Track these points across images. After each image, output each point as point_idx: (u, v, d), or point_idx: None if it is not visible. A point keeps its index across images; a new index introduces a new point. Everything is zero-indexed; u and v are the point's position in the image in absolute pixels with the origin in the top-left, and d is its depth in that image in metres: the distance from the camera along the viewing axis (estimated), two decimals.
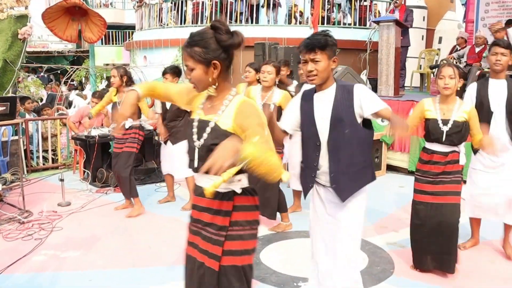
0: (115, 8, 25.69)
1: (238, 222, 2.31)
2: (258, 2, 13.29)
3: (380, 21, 9.07)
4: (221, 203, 2.30)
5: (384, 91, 8.67)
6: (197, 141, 2.33)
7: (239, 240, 2.31)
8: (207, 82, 2.27)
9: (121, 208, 6.05)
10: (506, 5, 12.14)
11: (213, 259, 2.31)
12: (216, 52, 2.22)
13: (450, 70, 3.88)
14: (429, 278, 4.09)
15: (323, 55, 2.78)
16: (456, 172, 4.01)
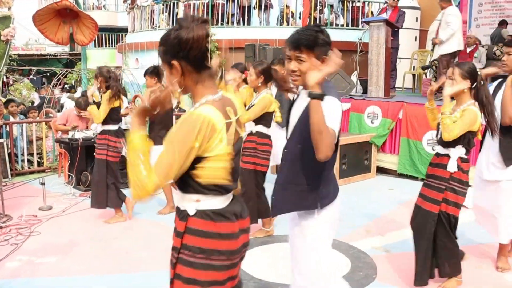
0: (108, 11, 25.63)
1: (188, 246, 2.01)
2: (249, 3, 13.22)
3: (371, 21, 8.95)
4: (178, 222, 2.07)
5: (375, 92, 8.55)
6: None
7: (188, 267, 2.01)
8: (176, 84, 2.02)
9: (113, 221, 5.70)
10: (499, 6, 12.10)
11: (171, 280, 2.10)
12: (176, 51, 1.96)
13: (450, 71, 3.69)
14: (410, 282, 3.95)
15: (310, 55, 2.43)
16: (442, 179, 3.71)
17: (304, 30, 2.48)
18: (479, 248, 4.74)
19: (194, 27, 1.93)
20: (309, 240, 2.62)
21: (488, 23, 12.21)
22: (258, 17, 13.53)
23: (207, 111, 1.91)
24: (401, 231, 5.12)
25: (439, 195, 3.71)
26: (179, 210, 2.06)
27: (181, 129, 1.89)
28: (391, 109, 7.90)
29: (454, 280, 3.84)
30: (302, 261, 2.67)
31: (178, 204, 2.07)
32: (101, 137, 5.56)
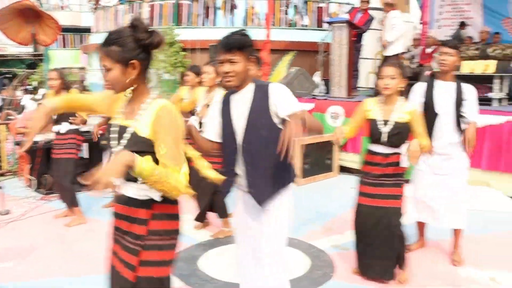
0: (71, 11, 25.19)
1: (156, 231, 2.21)
2: (215, 4, 13.19)
3: (333, 22, 9.07)
4: (138, 211, 2.20)
5: (337, 92, 8.65)
6: (117, 146, 2.22)
7: (157, 250, 2.22)
8: (124, 84, 2.17)
9: (62, 216, 5.83)
10: (459, 8, 12.39)
11: (129, 269, 2.21)
12: (134, 51, 2.14)
13: (391, 70, 3.78)
14: (367, 282, 4.03)
15: (241, 56, 2.64)
16: (398, 175, 3.88)
17: (232, 34, 2.68)
18: (433, 243, 4.85)
19: (155, 31, 2.15)
20: (279, 221, 2.84)
21: (449, 24, 12.49)
22: (223, 18, 13.53)
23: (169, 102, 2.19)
24: None
25: (399, 190, 3.88)
26: (137, 200, 2.20)
27: (173, 120, 2.15)
28: (353, 109, 7.97)
29: (404, 272, 4.00)
30: (270, 245, 2.83)
31: (137, 195, 2.20)
32: (69, 136, 5.58)
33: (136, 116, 2.19)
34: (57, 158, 5.61)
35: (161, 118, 2.13)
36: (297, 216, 5.55)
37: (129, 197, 2.21)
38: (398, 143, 3.85)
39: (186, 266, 4.29)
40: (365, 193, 3.96)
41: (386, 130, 3.81)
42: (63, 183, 5.52)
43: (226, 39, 2.68)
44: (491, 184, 6.62)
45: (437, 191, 4.39)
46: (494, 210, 6.06)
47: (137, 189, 2.19)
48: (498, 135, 6.63)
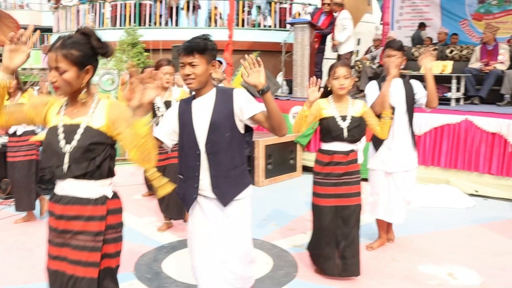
0: (31, 10, 24.67)
1: (112, 225, 2.35)
2: (178, 4, 13.14)
3: (295, 22, 9.13)
4: (95, 208, 2.29)
5: (299, 93, 8.73)
6: (66, 146, 2.27)
7: (114, 243, 2.36)
8: (75, 86, 2.28)
9: (21, 221, 5.71)
10: (418, 9, 12.65)
11: (90, 267, 2.26)
12: (91, 58, 2.30)
13: (344, 70, 3.87)
14: (330, 280, 4.08)
15: (202, 59, 2.71)
16: (357, 172, 4.01)
17: (194, 38, 2.74)
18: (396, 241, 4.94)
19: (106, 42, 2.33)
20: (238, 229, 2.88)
21: (409, 25, 12.76)
22: (186, 18, 13.48)
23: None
24: None
25: (358, 187, 4.01)
26: (91, 199, 2.29)
27: (126, 109, 2.35)
28: None
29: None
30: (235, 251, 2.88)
31: (89, 194, 2.29)
32: (27, 137, 5.48)
33: (88, 113, 2.32)
34: (16, 162, 5.49)
35: (116, 108, 2.34)
36: (260, 216, 5.66)
37: (79, 197, 2.28)
38: (358, 136, 3.95)
39: (149, 268, 4.26)
40: (327, 194, 3.98)
41: (345, 125, 3.89)
42: (28, 185, 5.42)
43: (188, 42, 2.73)
44: (450, 181, 6.78)
45: (391, 188, 4.54)
46: (452, 207, 6.22)
47: (91, 187, 2.28)
48: (456, 133, 6.80)
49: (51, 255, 2.34)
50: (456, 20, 12.14)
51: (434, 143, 6.98)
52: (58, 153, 2.27)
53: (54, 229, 2.33)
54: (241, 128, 2.83)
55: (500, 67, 8.14)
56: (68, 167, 2.26)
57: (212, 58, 2.77)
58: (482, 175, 6.68)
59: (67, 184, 2.30)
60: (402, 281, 4.11)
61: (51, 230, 2.35)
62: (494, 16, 11.69)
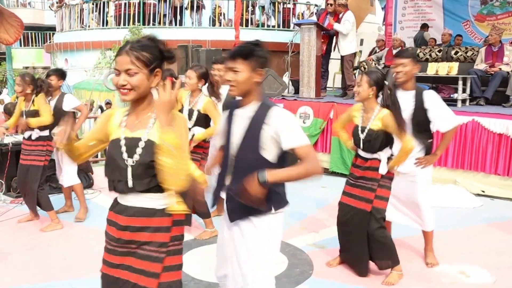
0: (33, 8, 24.70)
1: (176, 237, 2.31)
2: (181, 4, 13.19)
3: (302, 23, 9.20)
4: (161, 220, 2.26)
5: (306, 93, 8.80)
6: (128, 160, 2.22)
7: (177, 255, 2.33)
8: (145, 90, 2.22)
9: (25, 220, 5.74)
10: (421, 10, 12.70)
11: (151, 277, 2.24)
12: (160, 62, 2.25)
13: (359, 78, 3.98)
14: (346, 278, 4.17)
15: (244, 65, 2.55)
16: (373, 180, 3.98)
17: (243, 43, 2.64)
18: (405, 241, 5.01)
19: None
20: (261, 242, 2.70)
21: (412, 26, 12.80)
22: (190, 18, 13.53)
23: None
24: (334, 228, 5.28)
25: (371, 195, 4.00)
26: (157, 210, 2.25)
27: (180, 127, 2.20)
28: (322, 109, 8.17)
29: (395, 274, 4.11)
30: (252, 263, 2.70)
31: (155, 205, 2.25)
32: (39, 143, 5.43)
33: (148, 125, 2.24)
34: (24, 164, 5.50)
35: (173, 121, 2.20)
36: None
37: (145, 207, 2.25)
38: (372, 149, 3.96)
39: None
40: (346, 192, 4.17)
41: (362, 137, 3.97)
42: (31, 190, 5.44)
43: (236, 47, 2.64)
44: (457, 182, 6.87)
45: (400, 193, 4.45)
46: (459, 207, 6.30)
47: (156, 199, 2.25)
48: (463, 134, 6.89)
49: (112, 263, 2.31)
50: (459, 21, 12.19)
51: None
52: (121, 167, 2.23)
53: (117, 239, 2.29)
54: (270, 154, 2.61)
55: (505, 68, 8.22)
56: (132, 182, 2.23)
57: (258, 65, 2.58)
58: (489, 176, 6.76)
59: (131, 197, 2.27)
60: (416, 280, 4.19)
61: (112, 240, 2.31)
62: (496, 18, 11.76)
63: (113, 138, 2.29)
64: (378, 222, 4.01)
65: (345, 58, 9.22)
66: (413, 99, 4.16)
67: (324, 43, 9.27)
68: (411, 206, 4.45)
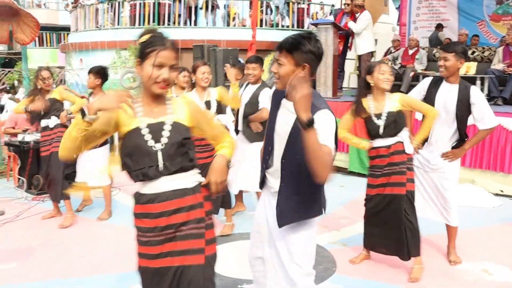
0: (48, 9, 24.88)
1: (208, 211, 2.38)
2: (196, 4, 13.25)
3: (318, 23, 9.22)
4: (194, 197, 2.32)
5: (323, 92, 8.81)
6: (157, 144, 2.26)
7: (211, 229, 2.39)
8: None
9: (48, 217, 5.84)
10: (435, 10, 12.66)
11: (197, 254, 2.27)
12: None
13: (389, 68, 4.11)
14: (371, 275, 4.21)
15: (289, 59, 2.45)
16: (401, 163, 4.06)
17: (294, 34, 2.50)
18: (428, 239, 5.02)
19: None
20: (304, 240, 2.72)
21: (426, 26, 12.76)
22: (204, 18, 13.59)
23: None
24: (355, 226, 5.36)
25: (403, 178, 4.08)
26: (189, 189, 2.32)
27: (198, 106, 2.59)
28: (339, 109, 8.17)
29: (418, 268, 4.17)
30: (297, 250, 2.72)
31: (186, 184, 2.31)
32: (58, 130, 5.55)
33: (168, 111, 2.34)
34: (46, 155, 5.58)
35: (193, 105, 2.45)
36: None
37: (176, 189, 2.30)
38: (394, 131, 4.05)
39: None
40: (373, 185, 4.21)
41: (382, 123, 4.03)
42: (56, 176, 5.53)
43: (286, 38, 2.51)
44: (475, 181, 6.86)
45: (428, 187, 4.53)
46: (478, 206, 6.30)
47: (186, 178, 2.33)
48: None
49: (150, 255, 2.30)
50: (474, 21, 12.14)
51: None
52: (150, 153, 2.25)
53: (153, 228, 2.28)
54: None
55: None
56: (164, 165, 2.26)
57: (304, 60, 2.44)
58: (508, 175, 6.75)
59: (162, 182, 2.28)
60: (439, 277, 4.21)
61: (147, 231, 2.29)
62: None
63: (131, 128, 2.28)
64: (413, 206, 4.11)
65: (362, 58, 9.25)
66: (456, 92, 4.18)
67: (340, 43, 9.30)
68: (439, 201, 4.47)
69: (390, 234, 4.15)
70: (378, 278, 4.17)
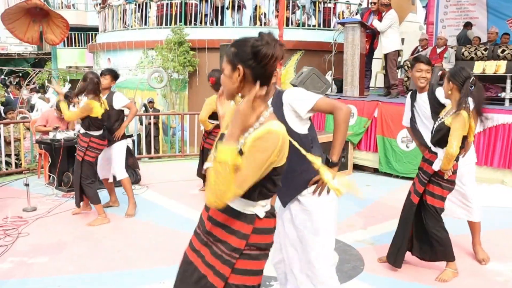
0: (77, 10, 25.29)
1: (254, 244, 2.17)
2: (223, 4, 13.32)
3: (346, 22, 9.20)
4: (242, 225, 2.15)
5: (350, 92, 8.80)
6: None
7: (252, 260, 2.17)
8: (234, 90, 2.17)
9: (78, 212, 5.96)
10: (463, 8, 12.50)
11: (218, 277, 2.17)
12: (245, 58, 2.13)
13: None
14: (399, 274, 4.20)
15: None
16: (426, 174, 4.04)
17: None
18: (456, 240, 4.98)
19: (275, 45, 2.05)
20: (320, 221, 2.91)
21: (454, 25, 12.61)
22: (231, 18, 13.65)
23: (281, 128, 2.04)
24: (382, 225, 5.36)
25: (421, 188, 4.05)
26: (241, 213, 2.14)
27: (261, 145, 2.00)
28: (366, 108, 8.17)
29: (450, 272, 4.12)
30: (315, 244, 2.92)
31: (242, 209, 2.14)
32: (82, 138, 5.58)
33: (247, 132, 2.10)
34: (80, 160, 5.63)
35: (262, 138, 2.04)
36: None
37: (232, 207, 2.14)
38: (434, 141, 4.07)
39: None
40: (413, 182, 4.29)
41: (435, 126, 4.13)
42: (76, 182, 5.67)
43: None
44: (505, 181, 6.77)
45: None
46: (507, 206, 6.22)
47: (244, 203, 2.15)
48: (511, 133, 6.78)
49: (193, 246, 2.29)
50: (503, 19, 11.93)
51: (488, 143, 6.97)
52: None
53: (204, 226, 2.24)
54: (300, 128, 2.84)
55: None
56: None
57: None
58: None
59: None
60: (470, 277, 4.18)
61: (201, 225, 2.28)
62: None
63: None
64: (435, 220, 4.03)
65: (389, 57, 9.19)
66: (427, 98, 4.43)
67: (367, 42, 9.26)
68: (457, 198, 4.45)
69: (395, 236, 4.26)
70: (408, 278, 4.16)
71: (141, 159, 9.40)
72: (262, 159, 1.99)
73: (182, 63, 12.29)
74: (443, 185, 3.98)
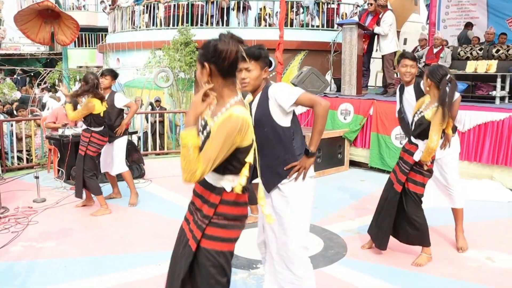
0: (87, 11, 25.76)
1: (223, 214, 2.48)
2: (228, 5, 13.63)
3: (344, 23, 9.49)
4: (211, 195, 2.49)
5: (347, 91, 9.09)
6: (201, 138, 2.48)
7: (221, 228, 2.48)
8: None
9: (81, 205, 6.31)
10: (464, 8, 12.70)
11: (194, 240, 2.53)
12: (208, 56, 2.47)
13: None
14: (378, 259, 4.50)
15: (256, 65, 3.10)
16: (407, 164, 4.36)
17: (250, 48, 3.06)
18: (437, 229, 5.27)
19: (230, 42, 2.43)
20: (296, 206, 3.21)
21: (455, 24, 12.80)
22: (236, 18, 13.97)
23: (242, 112, 2.36)
24: (370, 216, 5.58)
25: (403, 177, 4.37)
26: (212, 186, 2.49)
27: (223, 128, 2.32)
28: (362, 106, 8.46)
29: (425, 256, 4.43)
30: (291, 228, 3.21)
31: (214, 183, 2.48)
32: (84, 134, 5.99)
33: (216, 116, 2.43)
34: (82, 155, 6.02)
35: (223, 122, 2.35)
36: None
37: (207, 181, 2.50)
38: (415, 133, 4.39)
39: None
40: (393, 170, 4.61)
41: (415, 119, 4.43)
42: (78, 175, 6.01)
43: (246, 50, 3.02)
44: (494, 177, 7.03)
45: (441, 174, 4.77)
46: (495, 201, 6.48)
47: (215, 177, 2.48)
48: (500, 130, 7.03)
49: (185, 217, 2.65)
50: (503, 18, 12.07)
51: (477, 140, 7.22)
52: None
53: (191, 198, 2.62)
54: (283, 121, 3.15)
55: None
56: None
57: (265, 65, 3.16)
58: None
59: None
60: (443, 262, 4.47)
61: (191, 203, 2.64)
62: None
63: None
64: (415, 205, 4.35)
65: (385, 57, 9.46)
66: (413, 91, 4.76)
67: (365, 42, 9.55)
68: (439, 187, 4.78)
69: (379, 221, 4.59)
70: (385, 262, 4.46)
71: (148, 155, 9.76)
72: (224, 140, 2.30)
73: (189, 63, 12.63)
74: (424, 173, 4.32)
